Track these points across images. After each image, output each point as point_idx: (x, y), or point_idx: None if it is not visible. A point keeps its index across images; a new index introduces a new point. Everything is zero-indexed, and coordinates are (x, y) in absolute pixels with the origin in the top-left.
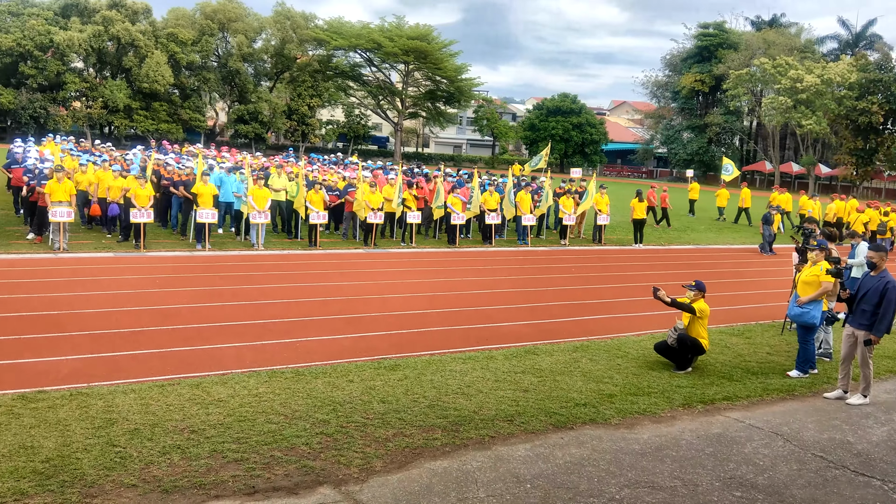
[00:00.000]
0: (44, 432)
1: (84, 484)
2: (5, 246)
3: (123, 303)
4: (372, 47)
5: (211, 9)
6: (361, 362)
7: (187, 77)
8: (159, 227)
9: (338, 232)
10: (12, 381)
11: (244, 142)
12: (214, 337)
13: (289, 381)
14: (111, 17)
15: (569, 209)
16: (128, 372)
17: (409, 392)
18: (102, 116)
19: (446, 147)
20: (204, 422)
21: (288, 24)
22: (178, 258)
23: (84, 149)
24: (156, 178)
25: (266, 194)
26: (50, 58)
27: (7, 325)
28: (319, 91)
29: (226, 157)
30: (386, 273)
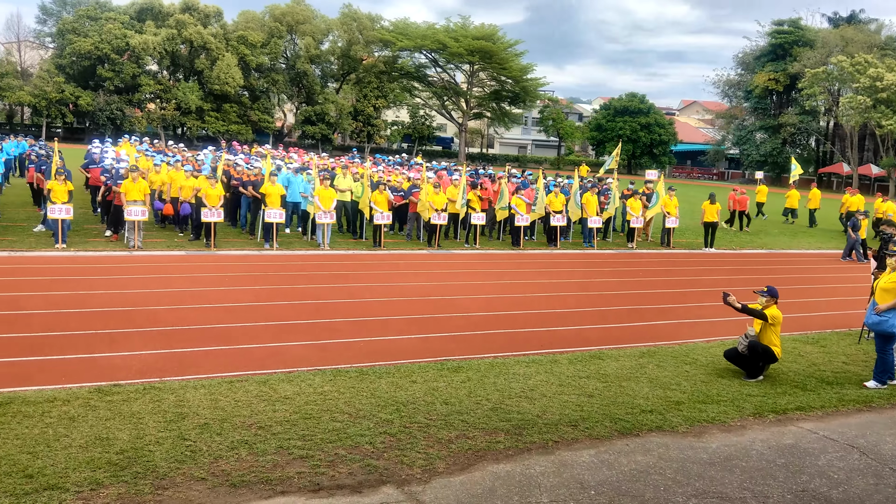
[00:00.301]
0: (118, 425)
1: (156, 476)
2: (83, 243)
3: (194, 300)
4: (437, 48)
5: (280, 11)
6: (425, 363)
7: (256, 79)
8: (229, 226)
9: (402, 232)
10: (89, 374)
11: (311, 143)
12: (281, 335)
13: (353, 381)
14: (184, 21)
15: (636, 211)
16: (198, 368)
17: (472, 394)
18: (175, 118)
19: (511, 148)
20: (271, 418)
21: (354, 26)
22: (246, 257)
23: (158, 149)
24: (226, 178)
25: (332, 195)
26: (126, 61)
27: (84, 320)
28: (385, 92)
29: (293, 158)
30: (449, 274)
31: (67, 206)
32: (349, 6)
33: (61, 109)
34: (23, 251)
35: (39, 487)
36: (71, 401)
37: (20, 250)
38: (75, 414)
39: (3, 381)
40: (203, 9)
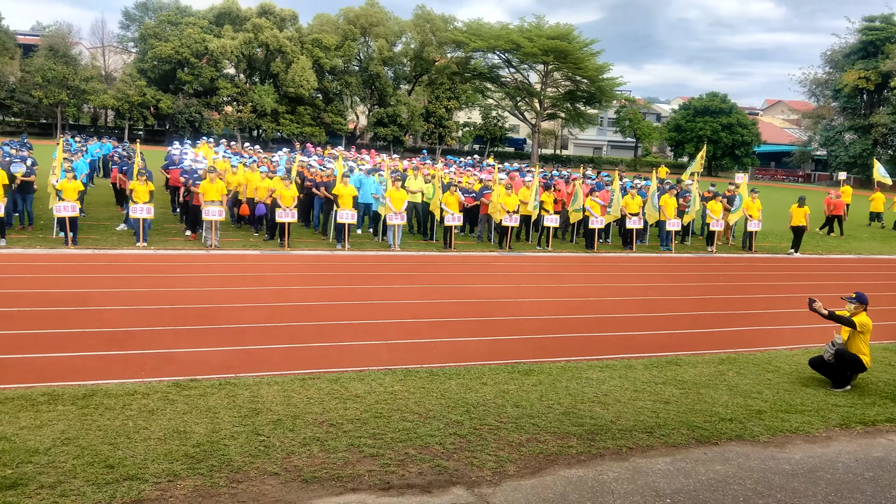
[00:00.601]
0: (195, 418)
1: (231, 469)
2: (163, 242)
3: (268, 298)
4: (511, 48)
5: (354, 14)
6: (495, 365)
7: (330, 81)
8: (302, 226)
9: (472, 234)
10: (168, 369)
11: (383, 144)
12: (352, 334)
13: (423, 381)
14: (261, 25)
15: (717, 214)
16: (271, 364)
17: (543, 397)
18: (251, 120)
19: (586, 149)
20: (342, 416)
21: (427, 27)
22: (319, 257)
23: (234, 151)
24: (300, 179)
25: (403, 196)
26: (204, 64)
27: (164, 316)
28: (457, 93)
29: (365, 160)
30: (520, 277)
31: (148, 206)
32: (423, 8)
33: (143, 112)
34: (106, 249)
35: (120, 478)
36: (150, 394)
37: (104, 248)
38: (154, 407)
39: (87, 374)
40: (279, 12)
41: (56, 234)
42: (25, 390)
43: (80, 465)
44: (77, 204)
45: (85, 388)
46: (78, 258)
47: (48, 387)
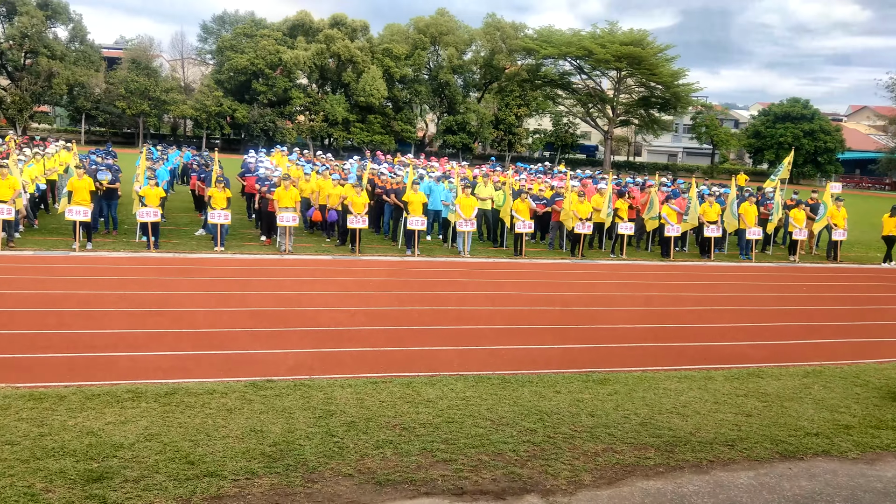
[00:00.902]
0: (271, 418)
1: (306, 469)
2: (239, 247)
3: (340, 302)
4: (583, 54)
5: (424, 23)
6: (569, 374)
7: (400, 90)
8: (373, 232)
9: (544, 242)
10: (245, 369)
11: (451, 152)
12: (424, 339)
13: (495, 388)
14: (333, 36)
15: (800, 223)
16: (344, 367)
17: (619, 407)
18: (323, 129)
19: (660, 156)
20: (414, 420)
21: (498, 35)
22: (389, 263)
23: (307, 159)
24: (370, 186)
25: (473, 203)
26: (278, 75)
27: (241, 318)
28: (527, 100)
29: (435, 167)
30: (593, 285)
31: (226, 212)
32: (493, 16)
33: (219, 122)
34: (185, 253)
35: (200, 474)
36: (228, 393)
37: (183, 252)
38: (232, 406)
39: (169, 373)
40: (350, 23)
41: (139, 239)
42: (111, 387)
43: (163, 460)
44: (159, 210)
45: (167, 387)
46: (159, 261)
47: (132, 384)
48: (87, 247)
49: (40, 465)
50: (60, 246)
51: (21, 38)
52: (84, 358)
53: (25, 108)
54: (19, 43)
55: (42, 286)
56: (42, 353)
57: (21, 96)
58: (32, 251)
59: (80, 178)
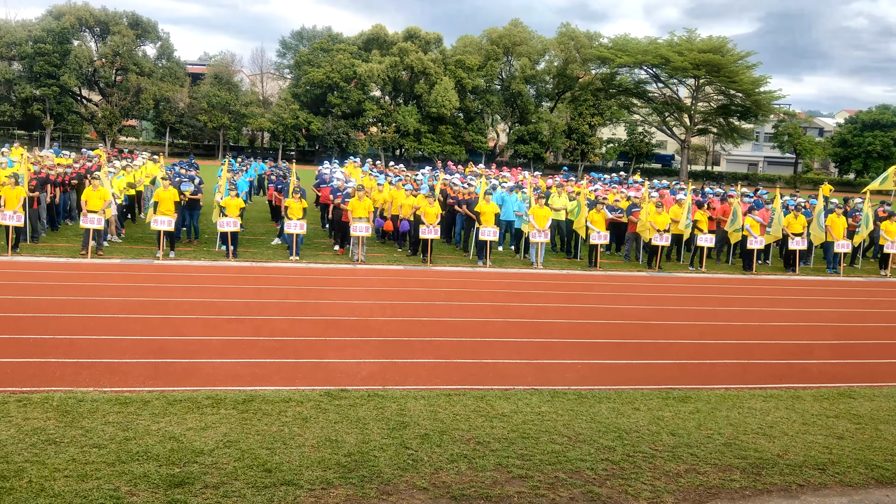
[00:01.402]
0: (346, 428)
1: (381, 481)
2: (314, 256)
3: (412, 313)
4: (659, 63)
5: (497, 34)
6: (648, 390)
7: (472, 101)
8: (444, 243)
9: (619, 253)
10: (320, 378)
11: (523, 161)
12: (497, 351)
13: (571, 403)
14: (406, 48)
15: (892, 235)
16: (417, 378)
17: (701, 426)
18: (395, 140)
19: (740, 165)
20: (489, 434)
21: (572, 45)
22: (460, 273)
23: (380, 170)
24: (442, 196)
25: (547, 213)
26: (353, 88)
27: (315, 326)
28: (601, 109)
29: (507, 177)
30: (672, 298)
31: (301, 222)
32: (567, 25)
33: (295, 134)
34: (262, 262)
35: (277, 482)
36: (304, 402)
37: (260, 261)
38: (308, 415)
39: (247, 381)
40: (424, 36)
41: (218, 248)
42: (192, 393)
43: (241, 467)
44: (238, 220)
45: (244, 394)
46: (237, 270)
47: (212, 391)
48: (170, 255)
49: (125, 469)
50: (145, 254)
51: (113, 56)
52: (166, 364)
53: (115, 123)
54: (111, 60)
55: (128, 293)
56: (127, 359)
57: (111, 111)
58: (119, 259)
59: (165, 189)
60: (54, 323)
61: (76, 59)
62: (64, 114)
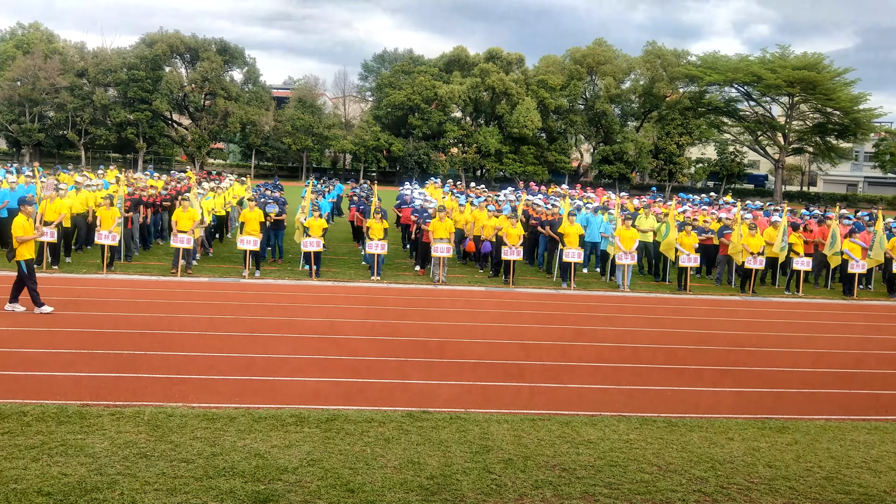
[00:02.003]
0: (428, 450)
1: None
2: (394, 276)
3: (494, 335)
4: (750, 80)
5: (580, 54)
6: (742, 420)
7: (554, 121)
8: (526, 264)
9: (710, 276)
10: (402, 399)
11: (608, 182)
12: (583, 376)
13: (661, 431)
14: (487, 69)
15: None
16: (500, 402)
17: (800, 459)
18: (475, 160)
19: (838, 186)
20: (574, 461)
21: (658, 63)
22: (543, 295)
23: (459, 190)
24: (524, 217)
25: (634, 235)
26: (434, 109)
27: (396, 347)
28: (689, 128)
29: (591, 198)
30: (767, 324)
31: (383, 243)
32: (653, 43)
33: (376, 155)
34: (344, 281)
35: (359, 502)
36: (386, 423)
37: (342, 280)
38: (390, 436)
39: (330, 400)
40: (506, 56)
41: (302, 267)
42: (276, 411)
43: (324, 486)
44: (321, 240)
45: (328, 413)
46: (319, 289)
47: (296, 409)
48: (255, 274)
49: (212, 484)
50: (232, 273)
51: (202, 82)
52: (252, 381)
53: (203, 146)
54: (200, 86)
55: (216, 311)
56: (215, 375)
57: (200, 134)
58: (207, 278)
59: (251, 210)
60: (146, 339)
61: (167, 85)
62: (156, 137)
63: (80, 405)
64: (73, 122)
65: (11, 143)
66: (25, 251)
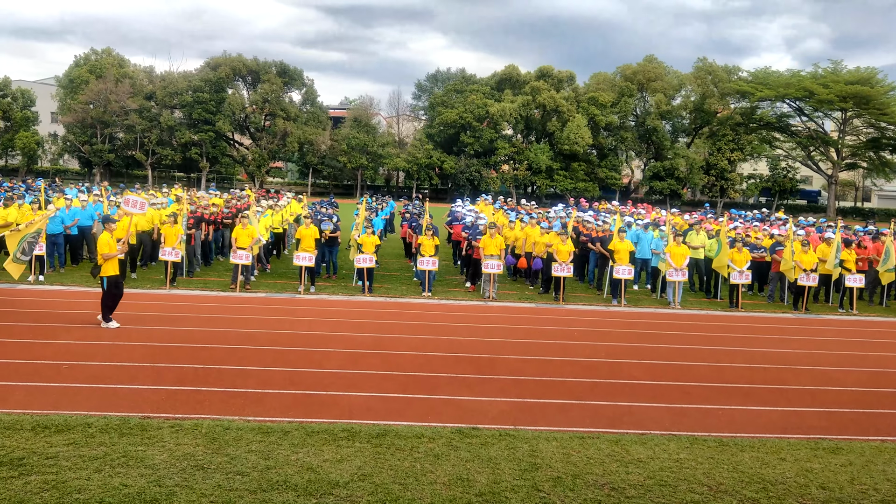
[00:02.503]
0: (477, 467)
1: None
2: (445, 292)
3: (543, 352)
4: (803, 96)
5: (631, 71)
6: (795, 440)
7: (605, 137)
8: (577, 281)
9: (762, 294)
10: (451, 415)
11: (658, 198)
12: (632, 394)
13: (712, 451)
14: (539, 87)
15: None
16: (550, 419)
17: (854, 481)
18: (526, 177)
19: (893, 201)
20: (624, 480)
21: (709, 79)
22: (594, 312)
23: (510, 207)
24: (575, 234)
25: (685, 252)
26: (485, 127)
27: (445, 363)
28: (741, 144)
29: (641, 214)
30: (820, 342)
31: (434, 259)
32: (704, 60)
33: (429, 173)
34: (396, 297)
35: None
36: (435, 438)
37: (394, 297)
38: (439, 452)
39: (381, 415)
40: (557, 74)
41: (355, 283)
42: (329, 425)
43: (374, 501)
44: (374, 256)
45: (378, 428)
46: (372, 305)
47: (347, 423)
48: (310, 290)
49: (266, 497)
50: (288, 289)
51: (262, 103)
52: (306, 395)
53: (263, 165)
54: (261, 107)
55: (272, 326)
56: (270, 389)
57: (260, 154)
58: (264, 293)
59: (307, 227)
60: (206, 353)
61: (230, 106)
62: (218, 157)
63: (141, 417)
64: (140, 143)
65: (83, 163)
66: (110, 268)
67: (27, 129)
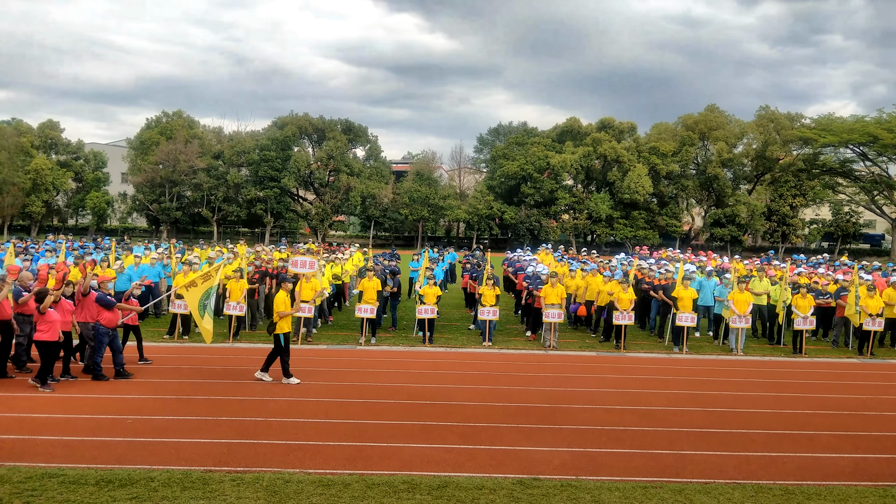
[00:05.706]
0: None
1: None
2: (506, 342)
3: (605, 400)
4: (867, 141)
5: (692, 120)
6: (863, 487)
7: (665, 186)
8: (638, 328)
9: (826, 339)
10: (512, 466)
11: (719, 244)
12: (695, 442)
13: (777, 499)
14: (599, 138)
15: None
16: (611, 469)
17: None
18: (586, 226)
19: None
20: None
21: (771, 127)
22: (655, 360)
23: (570, 256)
24: (635, 282)
25: (748, 298)
26: (546, 178)
27: (507, 413)
28: (803, 190)
29: (703, 261)
30: (886, 387)
31: (494, 309)
32: (766, 107)
33: (489, 223)
34: (456, 347)
35: None
36: (496, 490)
37: (454, 346)
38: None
39: (441, 466)
40: (618, 125)
41: (415, 333)
42: (389, 477)
43: None
44: (435, 307)
45: (439, 479)
46: (432, 355)
47: (408, 475)
48: (371, 341)
49: None
50: (349, 340)
51: (327, 160)
52: (366, 447)
53: (326, 219)
54: (325, 163)
55: (333, 378)
56: (331, 441)
57: (323, 208)
58: (326, 345)
59: (369, 279)
60: (266, 405)
61: (295, 164)
62: (282, 212)
63: (203, 471)
64: (207, 200)
65: (151, 220)
66: (284, 325)
67: (98, 190)
